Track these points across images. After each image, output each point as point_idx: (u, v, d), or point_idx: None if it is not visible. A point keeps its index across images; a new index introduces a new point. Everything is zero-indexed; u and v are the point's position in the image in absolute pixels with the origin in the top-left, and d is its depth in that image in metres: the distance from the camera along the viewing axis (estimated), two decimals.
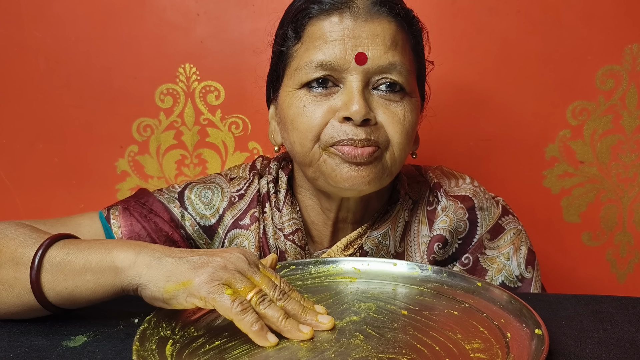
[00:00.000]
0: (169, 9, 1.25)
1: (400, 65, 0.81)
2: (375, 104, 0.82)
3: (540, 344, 0.58)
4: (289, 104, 0.84)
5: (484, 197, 0.92)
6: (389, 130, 0.82)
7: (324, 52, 0.80)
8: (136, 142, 1.30)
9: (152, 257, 0.64)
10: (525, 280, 0.89)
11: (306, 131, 0.82)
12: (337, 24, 0.81)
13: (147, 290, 0.63)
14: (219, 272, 0.62)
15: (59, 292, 0.66)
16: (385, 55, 0.80)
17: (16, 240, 0.69)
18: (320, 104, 0.82)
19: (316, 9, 0.82)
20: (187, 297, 0.61)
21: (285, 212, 0.91)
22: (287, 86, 0.85)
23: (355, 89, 0.80)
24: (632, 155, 1.30)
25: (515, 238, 0.91)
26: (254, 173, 0.96)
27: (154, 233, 0.88)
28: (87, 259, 0.65)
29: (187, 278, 0.61)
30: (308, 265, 0.81)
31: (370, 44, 0.80)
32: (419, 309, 0.69)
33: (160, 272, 0.62)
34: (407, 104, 0.83)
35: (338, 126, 0.80)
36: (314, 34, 0.82)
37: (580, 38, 1.25)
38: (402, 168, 0.97)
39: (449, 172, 0.97)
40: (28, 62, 1.26)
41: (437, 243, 0.89)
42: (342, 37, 0.80)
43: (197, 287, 0.60)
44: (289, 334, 0.62)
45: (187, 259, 0.63)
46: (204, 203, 0.93)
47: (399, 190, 0.93)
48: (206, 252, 0.66)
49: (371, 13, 0.81)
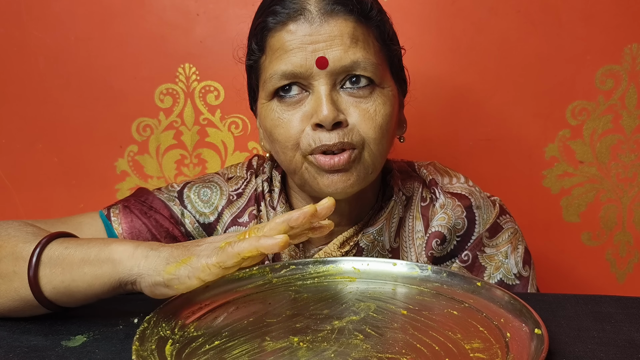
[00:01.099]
0: (169, 9, 1.25)
1: (364, 61, 0.81)
2: (345, 104, 0.82)
3: (539, 343, 0.58)
4: (265, 117, 0.85)
5: (480, 197, 0.93)
6: (362, 128, 0.82)
7: (285, 62, 0.81)
8: (136, 142, 1.30)
9: (149, 248, 0.65)
10: (523, 279, 0.90)
11: (285, 141, 0.82)
12: (293, 33, 0.81)
13: (146, 279, 0.63)
14: (213, 244, 0.64)
15: (56, 286, 0.66)
16: (346, 55, 0.80)
17: (17, 236, 0.71)
18: (293, 112, 0.82)
19: (272, 21, 0.82)
20: (190, 273, 0.61)
21: (279, 210, 0.92)
22: (262, 98, 0.86)
23: (323, 94, 0.80)
24: (632, 155, 1.30)
25: (512, 237, 0.91)
26: (251, 172, 0.97)
27: (155, 229, 0.89)
28: (86, 252, 0.66)
29: (186, 255, 0.63)
30: (307, 265, 0.81)
31: (329, 46, 0.80)
32: (419, 308, 0.69)
33: (158, 259, 0.64)
34: (378, 97, 0.83)
35: (312, 134, 0.81)
36: (274, 45, 0.82)
37: (580, 38, 1.25)
38: (394, 164, 0.98)
39: (443, 169, 0.98)
40: (28, 62, 1.27)
41: (435, 239, 0.90)
42: (301, 45, 0.80)
43: (197, 260, 0.61)
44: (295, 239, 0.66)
45: (183, 244, 0.66)
46: (203, 201, 0.93)
47: (392, 186, 0.94)
48: (198, 240, 0.69)
49: (326, 15, 0.81)
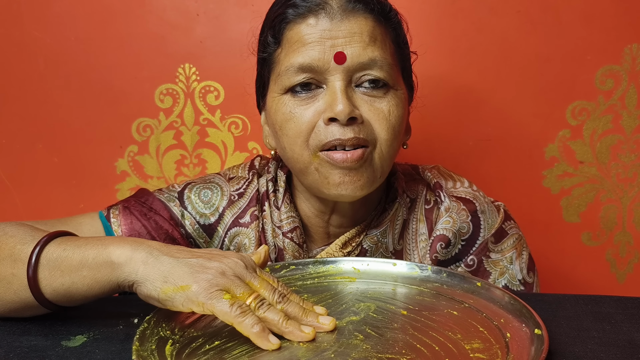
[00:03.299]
0: (169, 9, 1.25)
1: (380, 60, 0.81)
2: (359, 101, 0.82)
3: (539, 344, 0.58)
4: (275, 110, 0.84)
5: (484, 201, 0.93)
6: (375, 127, 0.82)
7: (303, 55, 0.81)
8: (136, 142, 1.30)
9: (149, 254, 0.64)
10: (527, 285, 0.90)
11: (295, 136, 0.82)
12: (313, 26, 0.81)
13: (143, 288, 0.63)
14: (218, 279, 0.61)
15: (56, 288, 0.66)
16: (365, 52, 0.80)
17: (15, 238, 0.70)
18: (306, 107, 0.82)
19: (292, 13, 0.82)
20: (184, 302, 0.61)
21: (283, 211, 0.91)
22: (273, 92, 0.85)
23: (338, 89, 0.80)
24: (632, 155, 1.30)
25: (517, 243, 0.91)
26: (253, 172, 0.96)
27: (154, 231, 0.89)
28: (84, 254, 0.65)
29: (186, 283, 0.61)
30: (308, 265, 0.81)
31: (348, 42, 0.80)
32: (419, 309, 0.69)
33: (157, 271, 0.62)
34: (392, 98, 0.83)
35: (325, 128, 0.80)
36: (292, 38, 0.82)
37: (580, 38, 1.25)
38: (399, 167, 0.98)
39: (447, 173, 0.97)
40: (28, 62, 1.26)
41: (440, 243, 0.89)
42: (320, 39, 0.80)
43: (195, 293, 0.60)
44: (290, 336, 0.61)
45: (186, 261, 0.63)
46: (204, 202, 0.93)
47: (397, 188, 0.94)
48: (204, 254, 0.65)
49: (347, 11, 0.81)
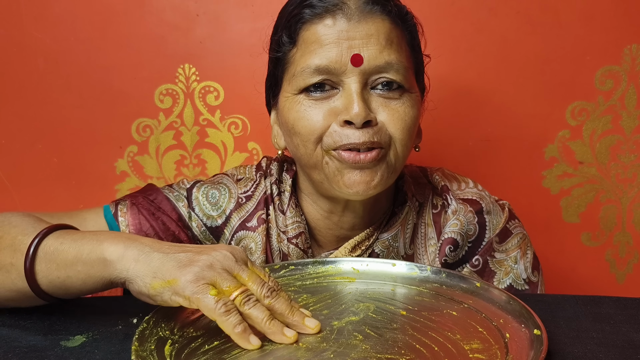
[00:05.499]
0: (169, 10, 1.25)
1: (397, 63, 0.81)
2: (375, 104, 0.81)
3: (539, 344, 0.58)
4: (289, 109, 0.84)
5: (490, 201, 0.92)
6: (390, 128, 0.81)
7: (320, 56, 0.80)
8: (135, 143, 1.30)
9: (140, 251, 0.64)
10: (532, 284, 0.90)
11: (308, 134, 0.81)
12: (330, 27, 0.80)
13: (134, 285, 0.63)
14: (205, 272, 0.61)
15: (52, 281, 0.67)
16: (381, 55, 0.80)
17: (18, 228, 0.71)
18: (320, 107, 0.81)
19: (309, 13, 0.81)
20: (172, 296, 0.61)
21: (289, 215, 0.90)
22: (286, 91, 0.85)
23: (354, 91, 0.79)
24: (631, 156, 1.30)
25: (522, 242, 0.91)
26: (260, 174, 0.95)
27: (162, 232, 0.89)
28: (79, 249, 0.66)
29: (173, 276, 0.61)
30: (307, 266, 0.81)
31: (365, 44, 0.80)
32: (418, 309, 0.69)
33: (147, 268, 0.62)
34: (407, 100, 0.83)
35: (340, 130, 0.80)
36: (309, 38, 0.82)
37: (580, 38, 1.25)
38: (406, 169, 0.97)
39: (451, 175, 0.97)
40: (28, 62, 1.26)
41: (448, 246, 0.89)
42: (337, 40, 0.80)
43: (182, 287, 0.60)
44: (272, 336, 0.61)
45: (174, 256, 0.63)
46: (211, 204, 0.92)
47: (405, 192, 0.93)
48: (194, 248, 0.65)
49: (364, 13, 0.80)
